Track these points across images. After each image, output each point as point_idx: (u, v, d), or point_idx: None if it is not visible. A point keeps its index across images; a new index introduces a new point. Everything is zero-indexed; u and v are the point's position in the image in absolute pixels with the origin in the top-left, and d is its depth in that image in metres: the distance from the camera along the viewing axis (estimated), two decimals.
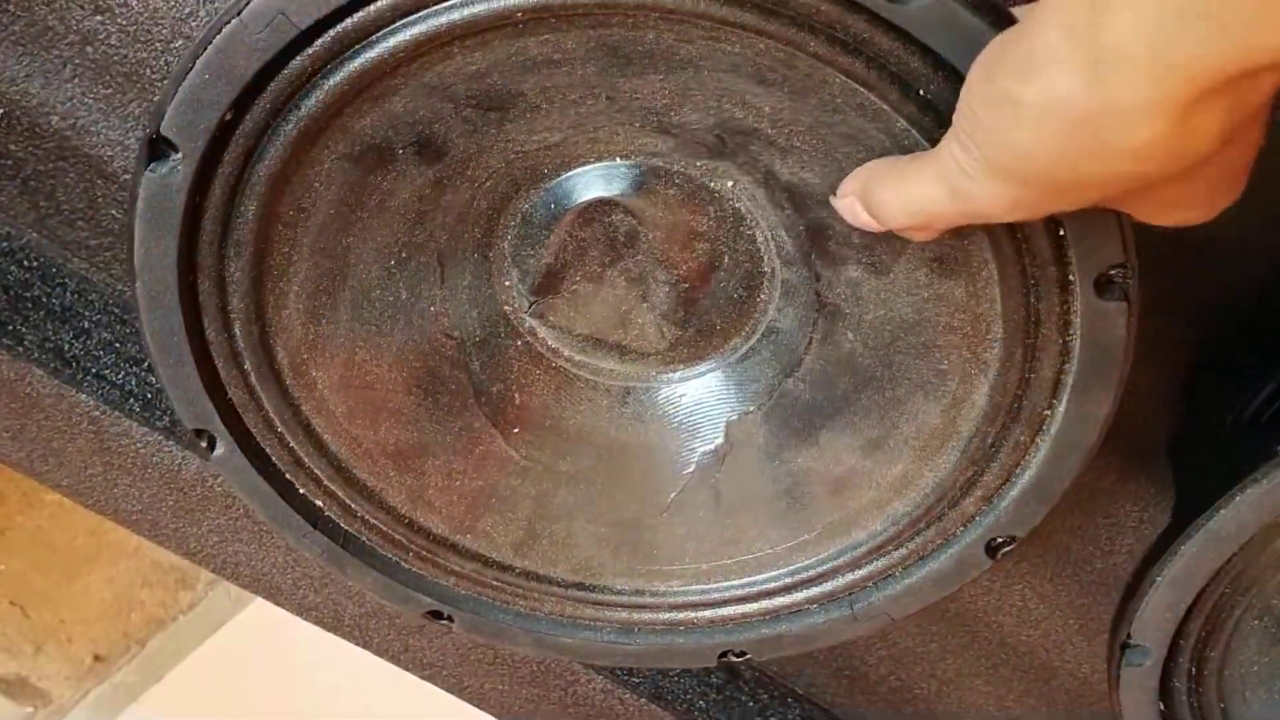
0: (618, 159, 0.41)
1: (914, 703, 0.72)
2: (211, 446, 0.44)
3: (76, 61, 0.51)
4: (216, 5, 0.49)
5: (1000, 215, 0.31)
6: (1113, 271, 0.36)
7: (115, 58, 0.51)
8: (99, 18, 0.50)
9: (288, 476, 0.45)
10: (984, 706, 0.71)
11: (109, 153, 0.54)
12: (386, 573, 0.47)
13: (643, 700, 0.65)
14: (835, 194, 0.37)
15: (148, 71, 0.51)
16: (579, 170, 0.42)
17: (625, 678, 0.65)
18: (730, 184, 0.41)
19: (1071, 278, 0.36)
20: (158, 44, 0.50)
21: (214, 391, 0.42)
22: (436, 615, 0.49)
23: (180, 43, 0.50)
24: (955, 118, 0.30)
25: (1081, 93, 0.25)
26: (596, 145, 0.40)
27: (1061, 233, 0.36)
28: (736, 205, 0.42)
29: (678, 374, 0.46)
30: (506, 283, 0.44)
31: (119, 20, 0.50)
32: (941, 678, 0.70)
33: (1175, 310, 0.52)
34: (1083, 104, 0.26)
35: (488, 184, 0.41)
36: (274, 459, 0.45)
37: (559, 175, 0.42)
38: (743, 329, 0.45)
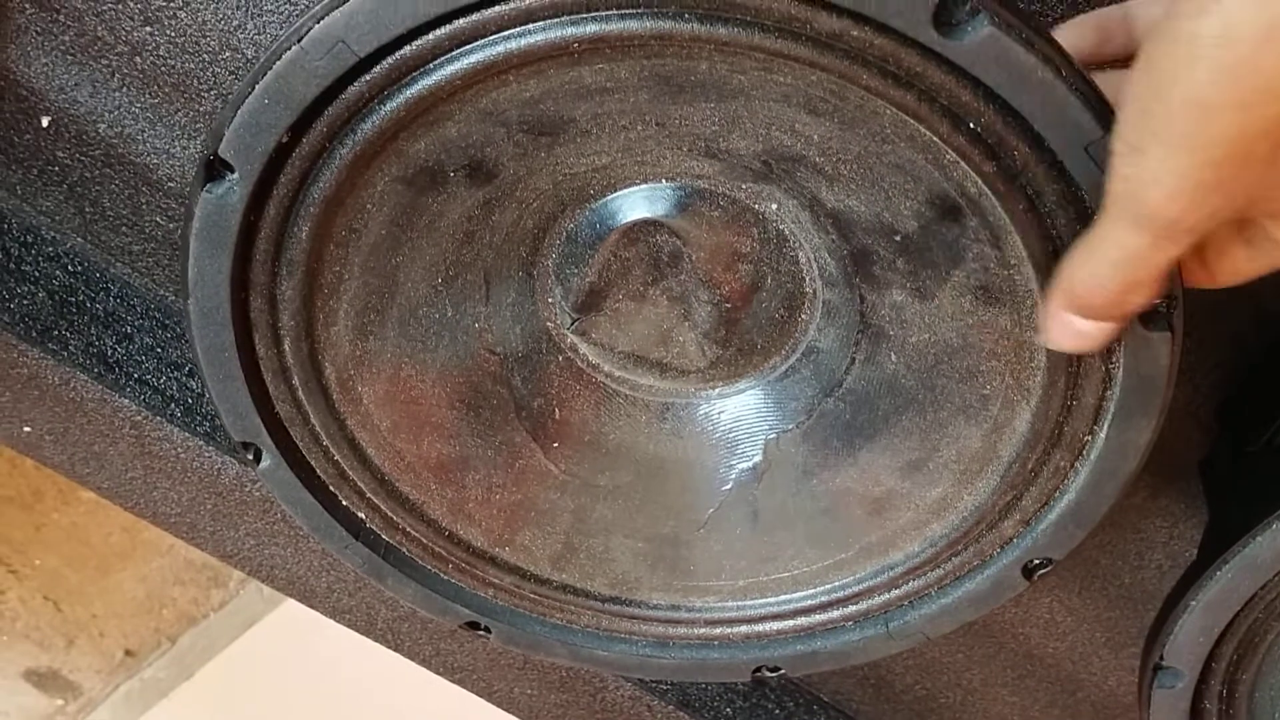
0: (664, 181, 0.42)
1: (939, 711, 0.72)
2: (258, 459, 0.45)
3: (125, 71, 0.52)
4: (264, 20, 0.50)
5: (1187, 212, 0.29)
6: (1159, 303, 0.36)
7: (163, 68, 0.51)
8: (148, 29, 0.51)
9: (331, 489, 0.46)
10: (1009, 717, 0.71)
11: (154, 160, 0.55)
12: (426, 584, 0.48)
13: (670, 707, 0.66)
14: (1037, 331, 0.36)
15: (194, 82, 0.52)
16: (625, 191, 0.42)
17: (653, 685, 0.66)
18: (775, 207, 0.41)
19: None
20: (205, 55, 0.51)
21: (262, 406, 0.43)
22: (474, 626, 0.50)
23: (228, 54, 0.51)
24: (1116, 145, 0.30)
25: (1254, 9, 0.25)
26: (644, 168, 0.41)
27: None
28: (781, 228, 0.42)
29: (717, 391, 0.47)
30: (550, 300, 0.45)
31: (167, 32, 0.51)
32: (967, 687, 0.70)
33: (1211, 330, 0.53)
34: (1265, 19, 0.25)
35: (534, 204, 0.41)
36: (319, 472, 0.45)
37: (605, 196, 0.42)
38: (783, 348, 0.45)
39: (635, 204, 0.42)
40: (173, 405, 0.58)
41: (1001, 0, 0.32)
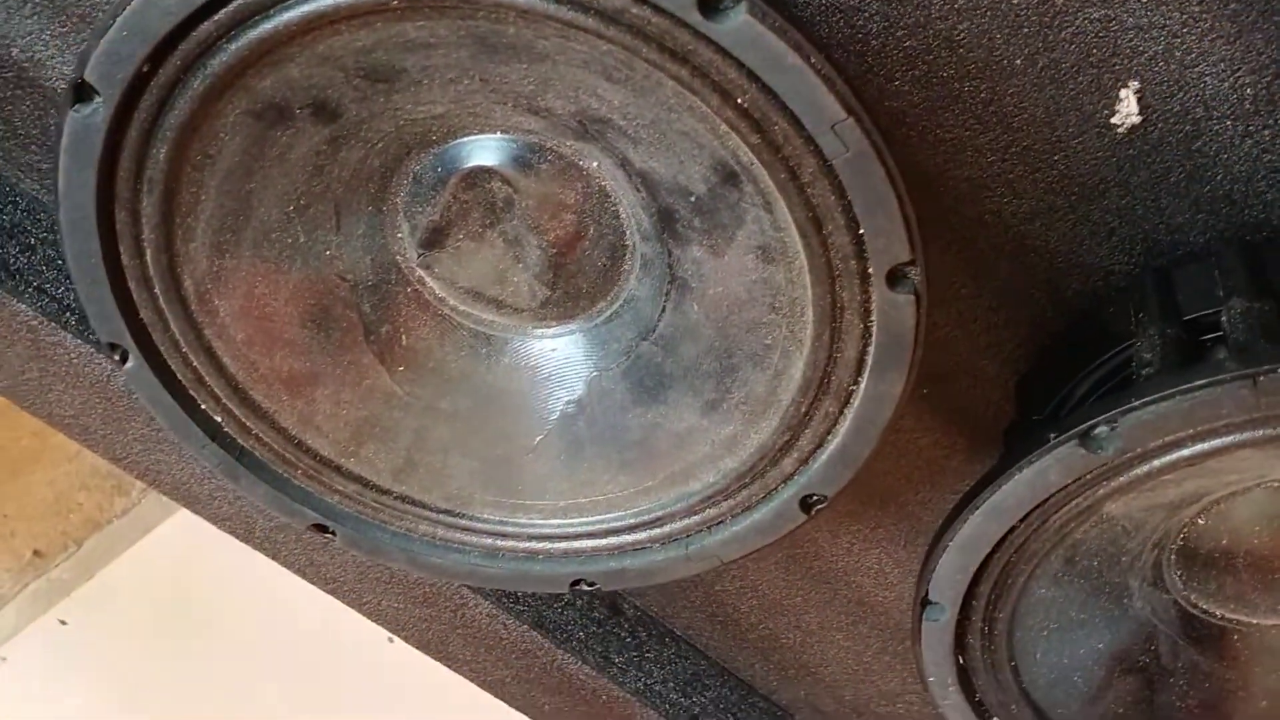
0: (499, 132, 0.46)
1: (781, 651, 0.78)
2: (124, 360, 0.49)
3: (36, 1, 0.56)
4: None
5: None
6: (903, 267, 0.42)
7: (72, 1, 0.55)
8: None
9: (190, 392, 0.50)
10: (844, 660, 0.77)
11: (63, 85, 0.59)
12: (276, 487, 0.53)
13: (525, 627, 0.71)
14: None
15: (100, 14, 0.56)
16: (465, 139, 0.47)
17: (511, 605, 0.71)
18: (595, 164, 0.46)
19: (870, 271, 0.42)
20: None
21: (126, 311, 0.47)
22: (321, 529, 0.55)
23: None
24: None
25: None
26: (478, 119, 0.46)
27: (860, 231, 0.41)
28: (603, 184, 0.47)
29: (550, 330, 0.52)
30: (399, 235, 0.50)
31: None
32: (805, 629, 0.76)
33: (1017, 312, 0.58)
34: None
35: (380, 145, 0.46)
36: (179, 375, 0.50)
37: (447, 142, 0.47)
38: (607, 295, 0.50)
39: (474, 152, 0.47)
40: (68, 314, 0.62)
41: None
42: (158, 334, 0.49)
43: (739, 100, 0.39)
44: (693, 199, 0.44)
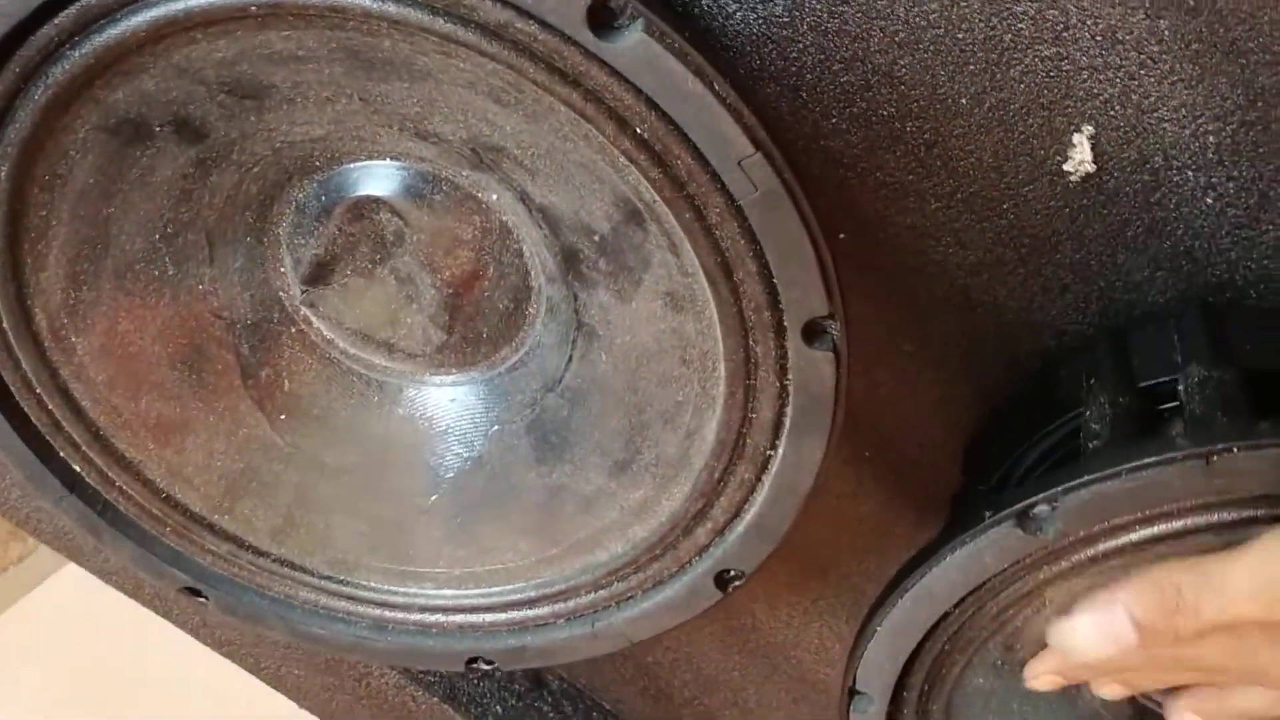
0: (388, 159, 0.42)
1: None
2: None
3: None
4: None
5: None
6: (821, 321, 0.37)
7: None
8: None
9: (46, 438, 0.45)
10: None
11: None
12: (143, 545, 0.48)
13: (435, 699, 0.66)
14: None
15: None
16: (351, 165, 0.42)
17: (421, 674, 0.66)
18: (494, 197, 0.42)
19: (785, 323, 0.38)
20: None
21: None
22: (193, 592, 0.49)
23: None
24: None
25: None
26: (364, 144, 0.41)
27: (774, 279, 0.37)
28: (503, 218, 0.43)
29: (449, 379, 0.47)
30: (281, 269, 0.45)
31: None
32: (743, 706, 0.71)
33: (964, 375, 0.54)
34: None
35: (256, 169, 0.42)
36: (33, 420, 0.45)
37: (331, 168, 0.42)
38: (510, 341, 0.46)
39: (360, 179, 0.43)
40: None
41: (664, 6, 0.33)
42: (7, 373, 0.44)
43: (637, 129, 0.34)
44: (596, 238, 0.40)
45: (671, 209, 0.36)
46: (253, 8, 0.34)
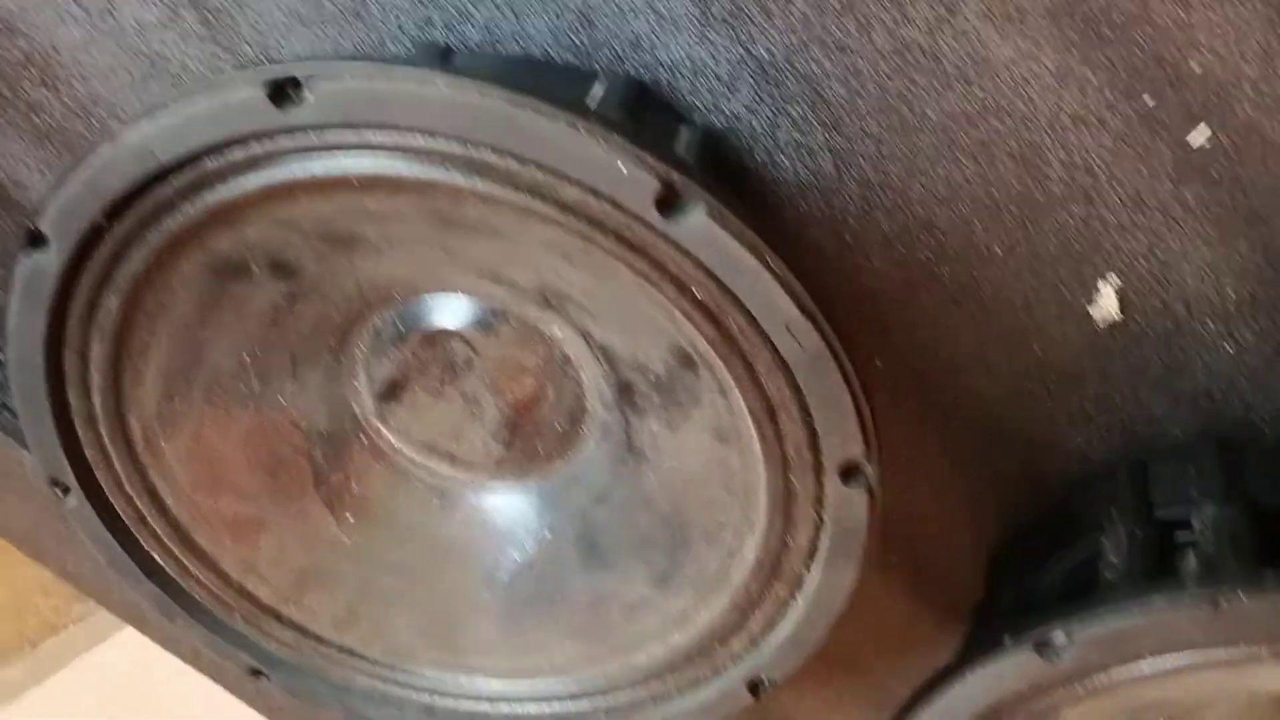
0: (462, 294, 0.46)
1: None
2: (66, 494, 0.48)
3: (21, 125, 0.56)
4: (151, 98, 0.54)
5: None
6: (857, 463, 0.40)
7: (56, 128, 0.56)
8: (45, 91, 0.55)
9: (131, 531, 0.49)
10: None
11: None
12: (212, 629, 0.51)
13: None
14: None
15: (83, 144, 0.56)
16: (427, 299, 0.46)
17: None
18: (558, 332, 0.45)
19: (824, 463, 0.41)
20: (95, 122, 0.55)
21: (69, 448, 0.46)
22: (256, 672, 0.53)
23: (115, 123, 0.55)
24: None
25: None
26: (441, 282, 0.45)
27: (814, 425, 0.40)
28: (566, 350, 0.46)
29: (505, 487, 0.51)
30: (356, 385, 0.49)
31: (63, 98, 0.55)
32: None
33: (991, 489, 0.57)
34: None
35: (340, 302, 0.45)
36: (120, 513, 0.49)
37: (408, 300, 0.46)
38: (564, 456, 0.49)
39: (435, 312, 0.46)
40: None
41: (717, 193, 0.37)
42: (101, 472, 0.47)
43: (695, 293, 0.38)
44: (652, 376, 0.43)
45: (724, 361, 0.39)
46: (354, 179, 0.38)
